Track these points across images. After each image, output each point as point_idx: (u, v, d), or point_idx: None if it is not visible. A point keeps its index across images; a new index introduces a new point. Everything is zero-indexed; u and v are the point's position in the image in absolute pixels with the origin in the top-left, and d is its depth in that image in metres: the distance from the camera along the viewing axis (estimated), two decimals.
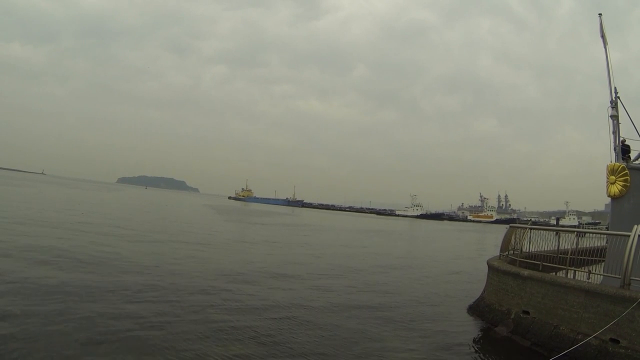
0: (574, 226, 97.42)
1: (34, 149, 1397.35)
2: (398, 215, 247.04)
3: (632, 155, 19.13)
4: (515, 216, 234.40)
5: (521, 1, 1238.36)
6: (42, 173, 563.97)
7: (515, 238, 20.86)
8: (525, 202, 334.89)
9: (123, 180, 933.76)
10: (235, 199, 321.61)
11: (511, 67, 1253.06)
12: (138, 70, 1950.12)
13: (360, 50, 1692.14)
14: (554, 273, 17.04)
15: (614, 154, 18.68)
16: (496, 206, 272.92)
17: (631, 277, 13.55)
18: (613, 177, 17.99)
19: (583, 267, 16.52)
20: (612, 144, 18.82)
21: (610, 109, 18.89)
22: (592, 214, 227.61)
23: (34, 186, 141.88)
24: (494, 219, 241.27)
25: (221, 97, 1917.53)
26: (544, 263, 17.58)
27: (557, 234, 18.53)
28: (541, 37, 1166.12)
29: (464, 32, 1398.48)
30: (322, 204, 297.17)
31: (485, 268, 21.74)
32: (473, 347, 16.12)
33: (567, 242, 17.74)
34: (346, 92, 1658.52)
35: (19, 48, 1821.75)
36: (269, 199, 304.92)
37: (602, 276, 15.51)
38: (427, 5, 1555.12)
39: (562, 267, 16.94)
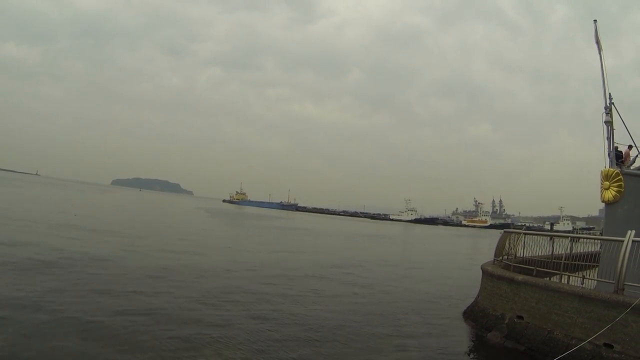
0: (568, 231, 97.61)
1: (28, 149, 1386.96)
2: (392, 220, 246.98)
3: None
4: (509, 221, 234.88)
5: (515, 7, 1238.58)
6: (36, 174, 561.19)
7: (509, 243, 20.87)
8: (519, 207, 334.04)
9: (117, 182, 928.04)
10: (229, 202, 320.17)
11: (506, 72, 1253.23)
12: (133, 72, 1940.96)
13: (355, 55, 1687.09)
14: (548, 278, 17.04)
15: (608, 160, 18.71)
16: (490, 211, 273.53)
17: (625, 282, 13.56)
18: (607, 183, 18.00)
19: (577, 272, 16.53)
20: (607, 150, 18.84)
21: (604, 114, 18.91)
22: (586, 219, 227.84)
23: (26, 187, 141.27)
24: (488, 223, 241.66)
25: (216, 100, 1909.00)
26: (538, 268, 17.57)
27: (551, 239, 18.56)
28: (535, 42, 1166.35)
29: (458, 37, 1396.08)
30: (317, 208, 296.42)
31: (480, 273, 21.75)
32: (467, 352, 16.16)
33: (561, 247, 17.75)
34: (341, 96, 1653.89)
35: (14, 48, 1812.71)
36: (263, 202, 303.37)
37: (596, 281, 15.53)
38: (421, 10, 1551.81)
39: (556, 272, 16.93)
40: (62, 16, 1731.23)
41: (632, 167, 18.93)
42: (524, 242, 19.67)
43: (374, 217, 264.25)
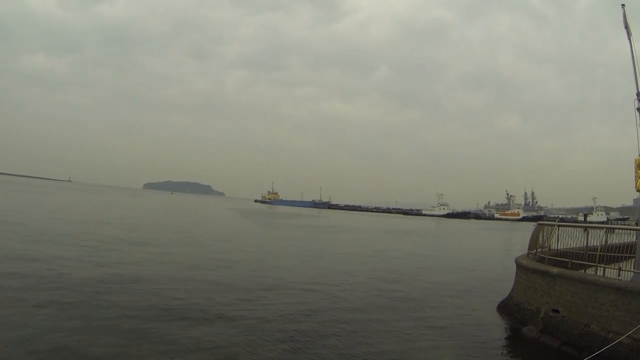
0: (602, 222, 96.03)
1: (60, 156, 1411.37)
2: (425, 215, 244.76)
3: None
4: (542, 213, 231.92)
5: None
6: (69, 180, 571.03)
7: (543, 235, 20.60)
8: (552, 199, 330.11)
9: (149, 186, 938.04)
10: (261, 202, 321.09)
11: (533, 62, 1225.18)
12: (161, 77, 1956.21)
13: (381, 51, 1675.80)
14: (583, 270, 16.76)
15: None
16: (523, 204, 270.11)
17: None
18: None
19: (613, 264, 16.21)
20: None
21: (636, 101, 18.49)
22: (621, 210, 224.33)
23: (59, 194, 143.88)
24: (521, 216, 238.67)
25: (244, 101, 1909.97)
26: (572, 260, 17.31)
27: (585, 230, 18.25)
28: (562, 31, 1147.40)
29: (483, 29, 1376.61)
30: (349, 205, 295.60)
31: (514, 266, 21.53)
32: (502, 346, 15.99)
33: (596, 239, 17.44)
34: (369, 93, 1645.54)
35: (43, 59, 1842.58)
36: (295, 201, 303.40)
37: (632, 273, 15.22)
38: (445, 4, 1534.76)
39: (592, 264, 16.61)
40: (89, 26, 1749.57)
41: None
42: (558, 234, 19.38)
43: (406, 212, 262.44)
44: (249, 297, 20.53)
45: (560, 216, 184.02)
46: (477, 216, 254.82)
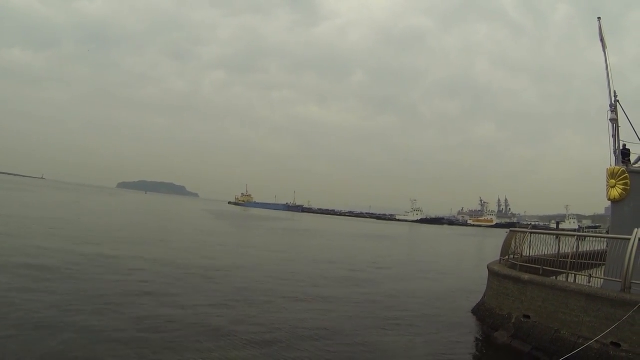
0: (575, 230, 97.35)
1: (34, 153, 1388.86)
2: (398, 220, 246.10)
3: (632, 158, 19.13)
4: (515, 220, 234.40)
5: (517, 7, 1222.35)
6: (42, 178, 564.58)
7: (515, 242, 20.82)
8: (525, 206, 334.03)
9: (123, 185, 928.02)
10: (235, 204, 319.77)
11: (509, 72, 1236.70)
12: (138, 76, 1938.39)
13: (358, 56, 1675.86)
14: (554, 277, 17.00)
15: (614, 158, 18.67)
16: (496, 210, 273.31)
17: (632, 281, 13.51)
18: (613, 181, 17.97)
19: (584, 271, 16.46)
20: (612, 148, 18.81)
21: (609, 112, 18.88)
22: (593, 218, 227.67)
23: (32, 190, 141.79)
24: (494, 223, 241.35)
25: (221, 103, 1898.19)
26: (544, 267, 17.52)
27: (557, 238, 18.51)
28: (538, 42, 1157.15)
29: (461, 38, 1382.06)
30: (322, 209, 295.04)
31: (486, 273, 21.70)
32: (473, 352, 16.12)
33: (568, 246, 17.69)
34: (345, 98, 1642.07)
35: (20, 53, 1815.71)
36: (269, 204, 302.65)
37: (602, 280, 15.48)
38: (424, 12, 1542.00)
39: (563, 271, 16.89)
40: (67, 22, 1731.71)
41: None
42: (530, 241, 19.61)
43: (379, 217, 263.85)
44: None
45: (533, 223, 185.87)
46: (451, 222, 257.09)
